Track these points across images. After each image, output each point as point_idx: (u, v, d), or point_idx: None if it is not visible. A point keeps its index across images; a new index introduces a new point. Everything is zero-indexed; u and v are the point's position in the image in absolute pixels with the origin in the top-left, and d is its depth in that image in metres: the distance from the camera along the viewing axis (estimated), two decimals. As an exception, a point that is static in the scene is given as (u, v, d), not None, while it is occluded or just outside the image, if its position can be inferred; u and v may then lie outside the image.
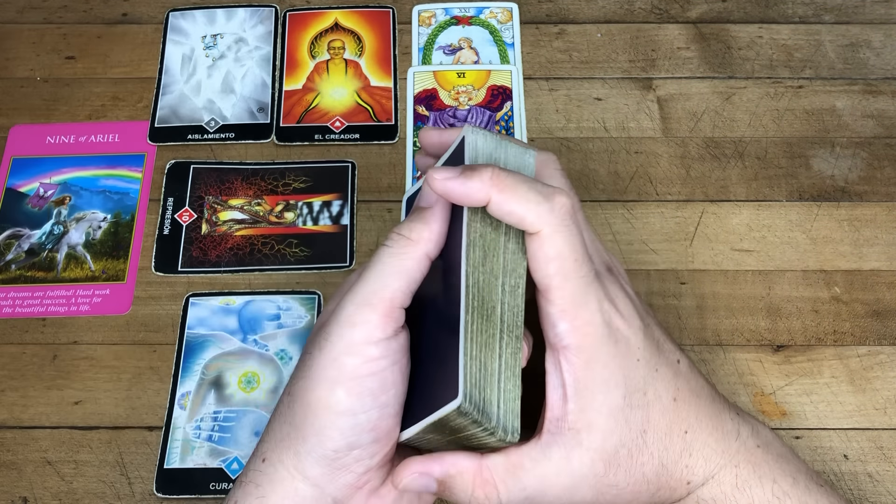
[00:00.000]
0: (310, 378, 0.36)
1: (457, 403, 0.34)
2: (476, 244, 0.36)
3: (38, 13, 0.65)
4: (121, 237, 0.56)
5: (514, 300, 0.37)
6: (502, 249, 0.37)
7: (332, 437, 0.36)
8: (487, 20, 0.64)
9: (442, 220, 0.37)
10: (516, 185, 0.35)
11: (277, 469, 0.37)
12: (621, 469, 0.37)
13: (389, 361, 0.36)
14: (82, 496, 0.48)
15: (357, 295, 0.36)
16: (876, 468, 0.48)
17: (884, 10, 0.64)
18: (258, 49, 0.63)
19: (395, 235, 0.37)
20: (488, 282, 0.36)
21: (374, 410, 0.36)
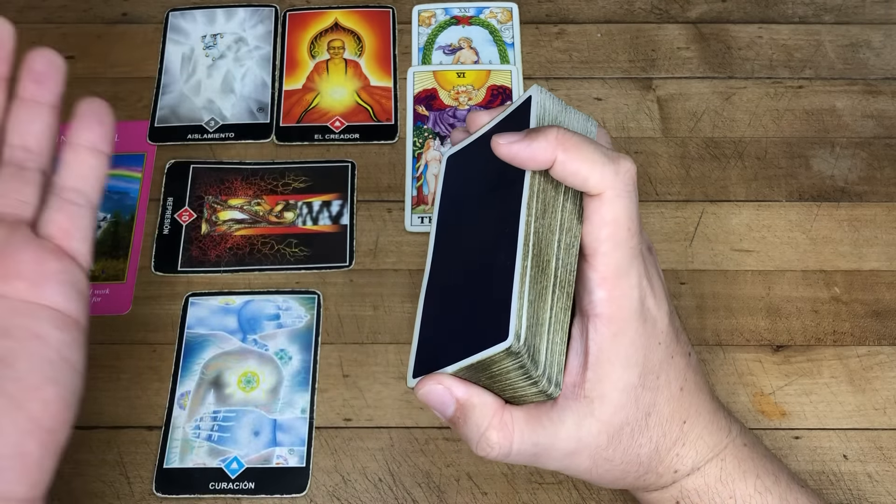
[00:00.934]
0: None
1: (507, 344, 0.34)
2: (537, 196, 0.36)
3: (38, 13, 0.65)
4: (120, 237, 0.56)
5: (568, 258, 0.37)
6: (560, 208, 0.37)
7: None
8: (487, 20, 0.64)
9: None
10: (582, 144, 0.35)
11: None
12: (621, 446, 0.37)
13: None
14: (81, 496, 0.48)
15: None
16: (875, 468, 0.48)
17: (884, 10, 0.64)
18: (258, 49, 0.63)
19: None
20: (546, 236, 0.36)
21: None
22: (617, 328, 0.36)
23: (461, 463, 0.49)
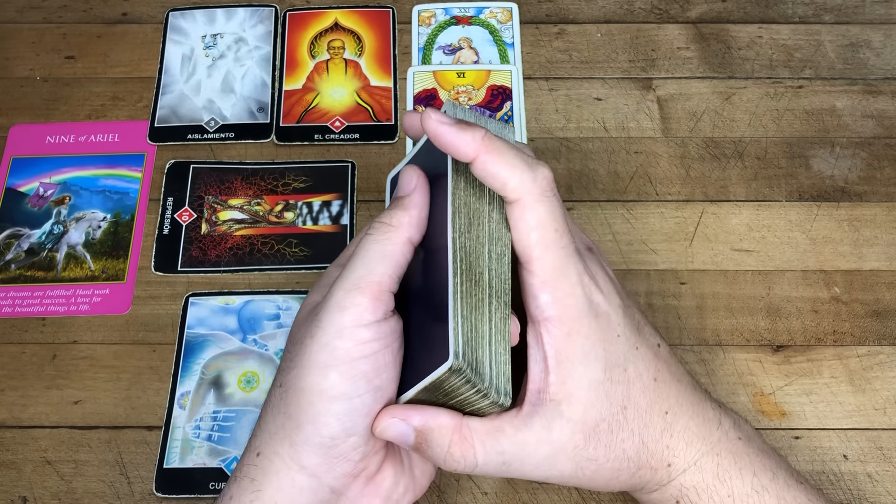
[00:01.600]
0: (301, 366, 0.36)
1: (448, 364, 0.34)
2: (461, 211, 0.37)
3: (38, 13, 0.65)
4: (120, 237, 0.56)
5: (500, 267, 0.37)
6: (486, 218, 0.38)
7: (328, 424, 0.36)
8: (487, 20, 0.64)
9: (420, 206, 0.38)
10: (504, 149, 0.36)
11: (273, 461, 0.37)
12: (601, 443, 0.37)
13: (381, 344, 0.36)
14: (82, 496, 0.48)
15: (345, 280, 0.36)
16: (875, 468, 0.48)
17: (884, 10, 0.64)
18: (258, 49, 0.63)
19: (377, 224, 0.38)
20: (475, 248, 0.37)
21: (369, 394, 0.36)
22: (568, 327, 0.36)
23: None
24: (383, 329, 0.36)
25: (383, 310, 0.36)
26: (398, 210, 0.38)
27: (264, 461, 0.37)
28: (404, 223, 0.37)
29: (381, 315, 0.36)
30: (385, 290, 0.36)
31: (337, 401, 0.36)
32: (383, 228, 0.37)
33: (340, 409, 0.36)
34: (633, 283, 0.54)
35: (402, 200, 0.38)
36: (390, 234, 0.37)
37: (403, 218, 0.37)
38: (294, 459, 0.36)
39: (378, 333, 0.36)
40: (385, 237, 0.37)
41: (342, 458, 0.36)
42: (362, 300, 0.36)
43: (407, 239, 0.37)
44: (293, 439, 0.36)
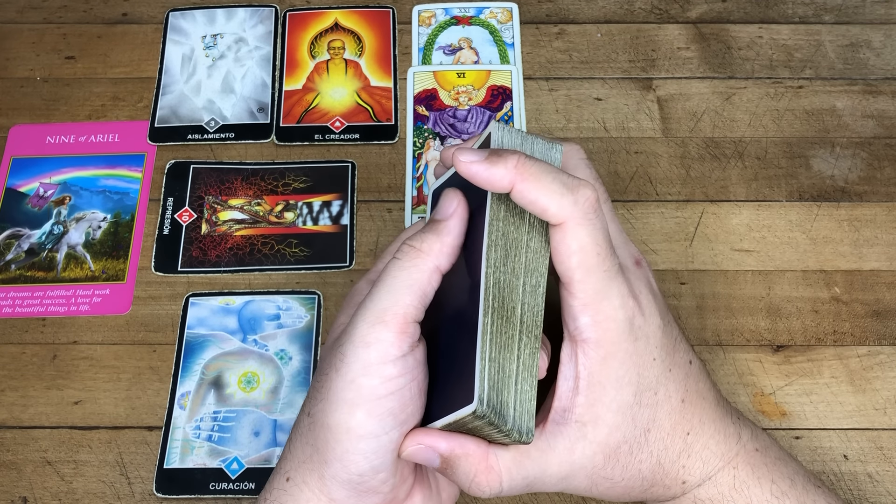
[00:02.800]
0: (328, 401, 0.36)
1: (472, 408, 0.34)
2: (497, 244, 0.36)
3: (38, 13, 0.65)
4: (121, 237, 0.56)
5: (533, 300, 0.36)
6: (524, 248, 0.36)
7: (356, 462, 0.35)
8: (487, 20, 0.64)
9: (455, 234, 0.36)
10: (541, 174, 0.34)
11: (303, 490, 0.37)
12: (619, 464, 0.37)
13: (407, 379, 0.35)
14: (82, 496, 0.48)
15: (369, 313, 0.35)
16: (876, 468, 0.48)
17: (884, 10, 0.64)
18: (258, 49, 0.63)
19: (406, 247, 0.36)
20: (509, 282, 0.36)
21: (396, 430, 0.35)
22: (605, 351, 0.36)
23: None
24: (409, 363, 0.35)
25: (409, 343, 0.35)
26: (431, 235, 0.36)
27: (294, 488, 0.37)
28: (434, 250, 0.36)
29: (407, 348, 0.35)
30: (410, 322, 0.35)
31: (364, 439, 0.35)
32: (412, 254, 0.36)
33: (368, 447, 0.35)
34: (633, 283, 0.54)
35: (438, 225, 0.36)
36: (418, 261, 0.36)
37: (435, 245, 0.36)
38: (323, 492, 0.36)
39: (404, 369, 0.35)
40: (412, 264, 0.36)
41: (371, 492, 0.36)
42: (387, 335, 0.35)
43: (435, 267, 0.36)
44: (322, 473, 0.36)
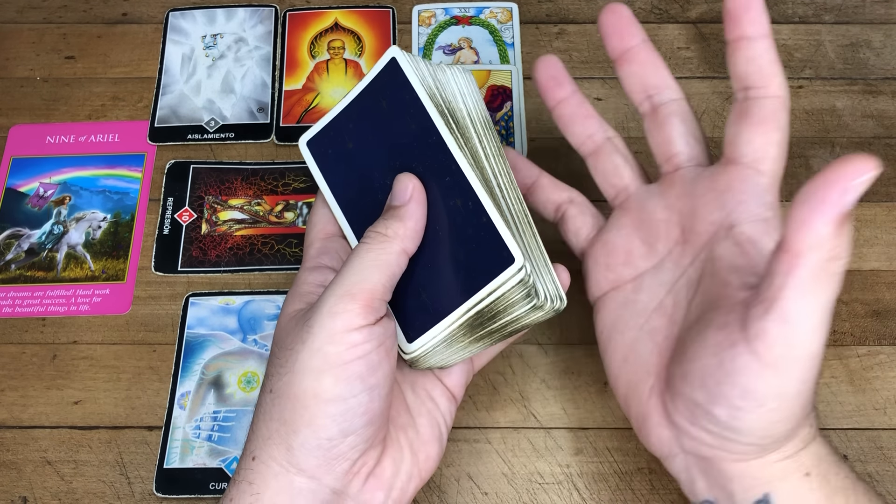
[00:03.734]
0: (294, 372, 0.36)
1: (518, 264, 0.35)
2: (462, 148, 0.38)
3: (38, 13, 0.65)
4: (120, 237, 0.56)
5: (512, 194, 0.39)
6: (483, 155, 0.39)
7: (325, 426, 0.36)
8: (487, 20, 0.64)
9: (417, 216, 0.38)
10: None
11: (270, 466, 0.37)
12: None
13: (374, 344, 0.36)
14: (82, 496, 0.48)
15: (338, 287, 0.37)
16: (876, 468, 0.48)
17: (884, 10, 0.64)
18: (258, 49, 0.63)
19: (372, 233, 0.38)
20: (488, 181, 0.38)
21: (364, 394, 0.36)
22: None
23: (461, 463, 0.49)
24: (375, 331, 0.37)
25: (375, 316, 0.37)
26: (393, 220, 0.38)
27: (260, 465, 0.37)
28: (399, 234, 0.38)
29: (373, 320, 0.37)
30: (377, 298, 0.37)
31: (333, 403, 0.36)
32: (379, 238, 0.38)
33: (336, 410, 0.36)
34: (633, 283, 0.54)
35: (398, 211, 0.39)
36: (385, 244, 0.38)
37: (399, 229, 0.38)
38: (291, 463, 0.37)
39: (370, 335, 0.36)
40: (380, 247, 0.38)
41: (341, 458, 0.37)
42: (353, 306, 0.36)
43: (402, 250, 0.38)
44: (290, 443, 0.36)
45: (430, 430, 0.42)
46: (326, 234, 0.43)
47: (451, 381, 0.44)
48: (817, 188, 0.30)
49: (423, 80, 0.39)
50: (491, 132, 0.41)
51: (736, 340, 0.34)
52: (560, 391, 0.51)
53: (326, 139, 0.43)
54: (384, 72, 0.40)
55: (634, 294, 0.42)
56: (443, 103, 0.39)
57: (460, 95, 0.41)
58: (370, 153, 0.41)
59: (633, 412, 0.41)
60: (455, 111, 0.40)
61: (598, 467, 0.48)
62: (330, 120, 0.42)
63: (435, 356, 0.40)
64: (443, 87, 0.41)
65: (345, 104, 0.42)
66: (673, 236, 0.41)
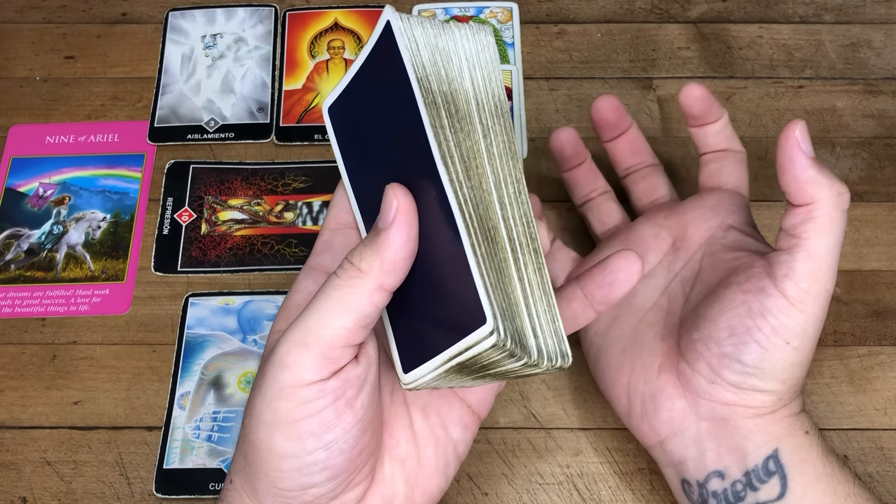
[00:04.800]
0: (252, 417, 0.34)
1: (489, 328, 0.28)
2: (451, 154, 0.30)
3: (38, 13, 0.65)
4: (120, 237, 0.56)
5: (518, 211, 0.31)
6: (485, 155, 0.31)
7: (282, 479, 0.33)
8: (487, 20, 0.64)
9: (398, 245, 0.31)
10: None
11: (242, 496, 0.35)
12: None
13: (327, 401, 0.32)
14: (81, 496, 0.48)
15: (293, 332, 0.32)
16: (876, 468, 0.48)
17: (884, 10, 0.64)
18: (258, 49, 0.63)
19: (346, 263, 0.32)
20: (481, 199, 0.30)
21: (320, 451, 0.33)
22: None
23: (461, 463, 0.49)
24: (329, 387, 0.32)
25: (330, 369, 0.32)
26: (369, 251, 0.31)
27: (234, 493, 0.36)
28: (375, 268, 0.31)
29: (327, 374, 0.32)
30: (338, 347, 0.32)
31: (285, 460, 0.33)
32: (350, 272, 0.31)
33: (290, 466, 0.33)
34: (633, 283, 0.54)
35: (377, 239, 0.31)
36: (356, 281, 0.31)
37: (374, 262, 0.31)
38: (258, 501, 0.35)
39: (322, 392, 0.32)
40: (349, 284, 0.31)
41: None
42: (304, 359, 0.31)
43: (377, 287, 0.31)
44: (254, 486, 0.34)
45: (436, 461, 0.38)
46: (338, 223, 0.37)
47: (474, 397, 0.39)
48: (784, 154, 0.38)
49: (415, 56, 0.31)
50: (503, 121, 0.33)
51: (764, 286, 0.39)
52: (560, 391, 0.50)
53: (345, 106, 0.35)
54: (382, 39, 0.32)
55: (629, 298, 0.46)
56: (438, 86, 0.31)
57: (468, 69, 0.32)
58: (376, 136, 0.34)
59: (640, 394, 0.43)
60: (456, 96, 0.32)
61: (598, 467, 0.48)
62: (346, 83, 0.35)
63: (440, 384, 0.34)
64: (446, 59, 0.32)
65: (357, 66, 0.34)
66: (663, 248, 0.46)
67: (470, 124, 0.32)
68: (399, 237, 0.31)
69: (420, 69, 0.31)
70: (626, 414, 0.44)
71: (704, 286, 0.43)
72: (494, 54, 0.34)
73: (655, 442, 0.43)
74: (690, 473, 0.42)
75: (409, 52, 0.31)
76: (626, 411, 0.44)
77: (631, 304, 0.46)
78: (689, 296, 0.44)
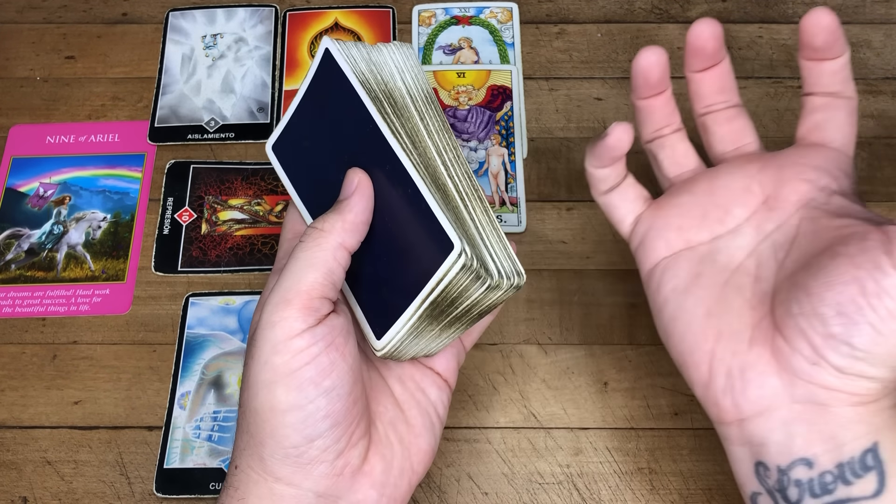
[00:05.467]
0: (249, 387, 0.36)
1: (458, 250, 0.34)
2: (398, 132, 0.37)
3: (38, 13, 0.65)
4: (120, 237, 0.56)
5: (459, 169, 0.39)
6: (426, 132, 0.39)
7: (287, 436, 0.35)
8: (487, 20, 0.64)
9: (358, 209, 0.37)
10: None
11: (249, 475, 0.37)
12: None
13: (321, 346, 0.35)
14: (82, 496, 0.48)
15: (274, 294, 0.36)
16: None
17: (884, 10, 0.64)
18: (258, 49, 0.63)
19: (310, 229, 0.37)
20: (427, 164, 0.37)
21: (321, 398, 0.35)
22: None
23: (461, 463, 0.49)
24: (319, 332, 0.35)
25: (315, 317, 0.36)
26: (332, 214, 0.37)
27: (241, 475, 0.37)
28: (337, 228, 0.36)
29: (314, 321, 0.35)
30: (316, 298, 0.36)
31: (289, 412, 0.35)
32: (314, 234, 0.37)
33: (295, 419, 0.35)
34: (633, 283, 0.54)
35: (340, 205, 0.37)
36: (320, 240, 0.36)
37: (336, 223, 0.37)
38: (267, 472, 0.36)
39: (313, 338, 0.35)
40: (315, 244, 0.36)
41: (314, 462, 0.36)
42: (290, 312, 0.35)
43: (339, 244, 0.36)
44: (260, 454, 0.36)
45: (422, 421, 0.41)
46: (295, 234, 0.43)
47: (441, 366, 0.42)
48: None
49: (355, 67, 0.38)
50: (434, 107, 0.40)
51: (881, 262, 0.34)
52: (560, 391, 0.51)
53: (287, 141, 0.42)
54: (322, 65, 0.39)
55: (711, 254, 0.41)
56: (377, 87, 0.39)
57: (398, 73, 0.40)
58: (323, 149, 0.41)
59: (726, 365, 0.39)
60: (392, 92, 0.39)
61: (598, 467, 0.48)
62: (287, 121, 0.42)
63: (411, 348, 0.39)
64: (379, 68, 0.40)
65: (296, 103, 0.41)
66: (752, 204, 0.41)
67: (408, 111, 0.39)
68: (360, 202, 0.37)
69: (360, 75, 0.38)
70: (704, 385, 0.40)
71: (802, 253, 0.39)
72: (417, 61, 0.42)
73: (734, 419, 0.39)
74: (771, 457, 0.37)
75: (349, 64, 0.38)
76: (704, 381, 0.40)
77: (714, 262, 0.41)
78: (782, 262, 0.39)
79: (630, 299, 0.53)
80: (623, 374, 0.51)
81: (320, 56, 0.39)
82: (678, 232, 0.42)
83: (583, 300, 0.53)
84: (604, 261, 0.55)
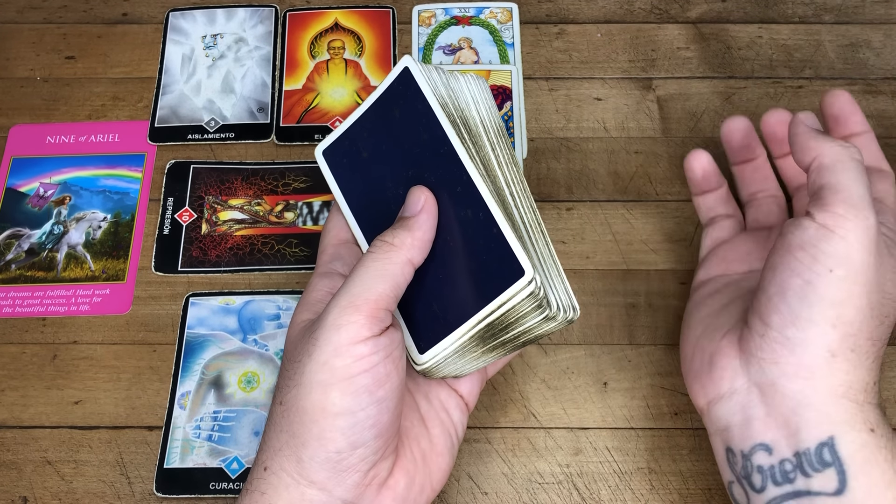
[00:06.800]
0: (301, 385, 0.36)
1: (528, 276, 0.35)
2: (474, 157, 0.38)
3: (38, 13, 0.65)
4: (121, 237, 0.56)
5: (526, 202, 0.40)
6: (495, 162, 0.40)
7: (334, 440, 0.36)
8: (487, 20, 0.64)
9: (426, 228, 0.38)
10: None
11: (281, 477, 0.37)
12: None
13: (381, 356, 0.36)
14: (82, 496, 0.48)
15: (342, 298, 0.37)
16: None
17: (884, 10, 0.64)
18: (258, 49, 0.63)
19: (379, 241, 0.38)
20: (497, 192, 0.38)
21: (372, 406, 0.36)
22: None
23: (461, 463, 0.49)
24: (381, 342, 0.36)
25: (380, 326, 0.37)
26: (402, 230, 0.38)
27: (271, 476, 0.37)
28: (406, 244, 0.38)
29: (378, 331, 0.36)
30: (382, 308, 0.37)
31: (341, 416, 0.36)
32: (385, 247, 0.38)
33: (345, 424, 0.36)
34: (633, 283, 0.54)
35: (408, 221, 0.38)
36: (391, 253, 0.37)
37: (406, 239, 0.38)
38: (302, 475, 0.36)
39: (375, 347, 0.36)
40: (386, 257, 0.37)
41: (351, 470, 0.36)
42: (358, 317, 0.36)
43: (407, 260, 0.38)
44: (299, 456, 0.36)
45: (444, 440, 0.41)
46: (339, 240, 0.43)
47: (465, 388, 0.43)
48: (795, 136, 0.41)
49: (436, 90, 0.40)
50: (504, 140, 0.42)
51: (800, 221, 0.39)
52: (560, 391, 0.51)
53: (341, 148, 0.43)
54: (397, 81, 0.40)
55: (739, 281, 0.47)
56: (455, 112, 0.40)
57: (473, 103, 0.41)
58: (384, 163, 0.41)
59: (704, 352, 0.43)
60: (468, 119, 0.40)
61: (598, 467, 0.48)
62: (345, 129, 0.43)
63: (447, 367, 0.40)
64: (456, 95, 0.41)
65: (359, 113, 0.42)
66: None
67: (481, 139, 0.40)
68: (427, 221, 0.38)
69: (440, 98, 0.39)
70: (686, 371, 0.44)
71: None
72: (490, 95, 0.43)
73: (704, 403, 0.42)
74: (735, 442, 0.40)
75: (430, 84, 0.39)
76: (687, 368, 0.44)
77: (738, 284, 0.46)
78: None
79: (630, 299, 0.53)
80: (623, 374, 0.51)
81: (397, 72, 0.40)
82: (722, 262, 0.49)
83: (583, 300, 0.53)
84: (604, 261, 0.55)
